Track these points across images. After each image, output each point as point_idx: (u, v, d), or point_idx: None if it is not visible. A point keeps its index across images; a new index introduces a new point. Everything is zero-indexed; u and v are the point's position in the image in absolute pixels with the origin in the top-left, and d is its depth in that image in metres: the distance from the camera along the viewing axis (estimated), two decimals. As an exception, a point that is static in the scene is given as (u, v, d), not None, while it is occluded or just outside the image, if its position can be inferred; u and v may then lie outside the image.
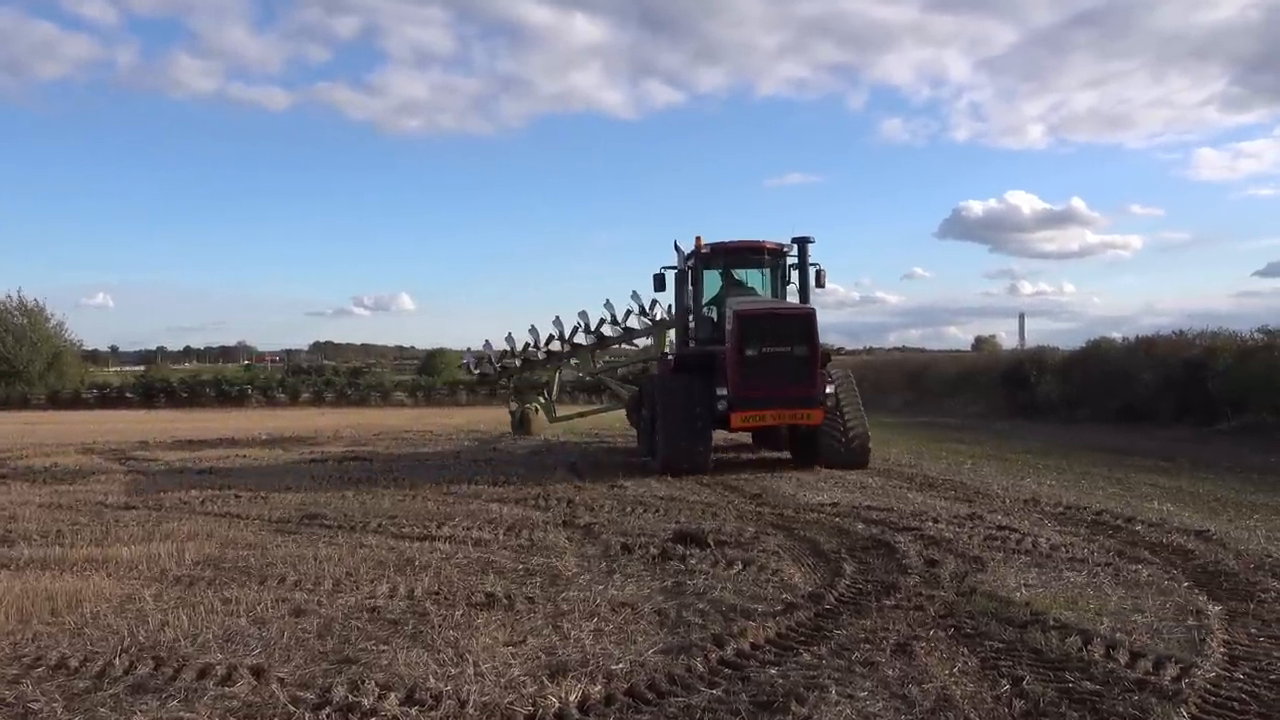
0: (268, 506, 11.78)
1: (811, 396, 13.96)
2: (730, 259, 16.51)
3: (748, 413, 14.14)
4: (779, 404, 14.00)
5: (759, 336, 13.94)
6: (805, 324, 14.16)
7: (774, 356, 13.92)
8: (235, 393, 51.64)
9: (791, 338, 13.98)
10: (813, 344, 13.99)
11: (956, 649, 5.59)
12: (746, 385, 13.93)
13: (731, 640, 5.76)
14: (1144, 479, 13.82)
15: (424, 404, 50.09)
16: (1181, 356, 26.51)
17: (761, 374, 13.87)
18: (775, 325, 14.12)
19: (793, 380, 13.87)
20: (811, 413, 14.11)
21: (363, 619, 6.39)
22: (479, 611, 6.53)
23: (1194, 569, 7.64)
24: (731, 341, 14.11)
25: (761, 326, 14.03)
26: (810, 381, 13.91)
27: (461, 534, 9.55)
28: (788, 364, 13.88)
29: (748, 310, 14.27)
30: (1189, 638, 5.77)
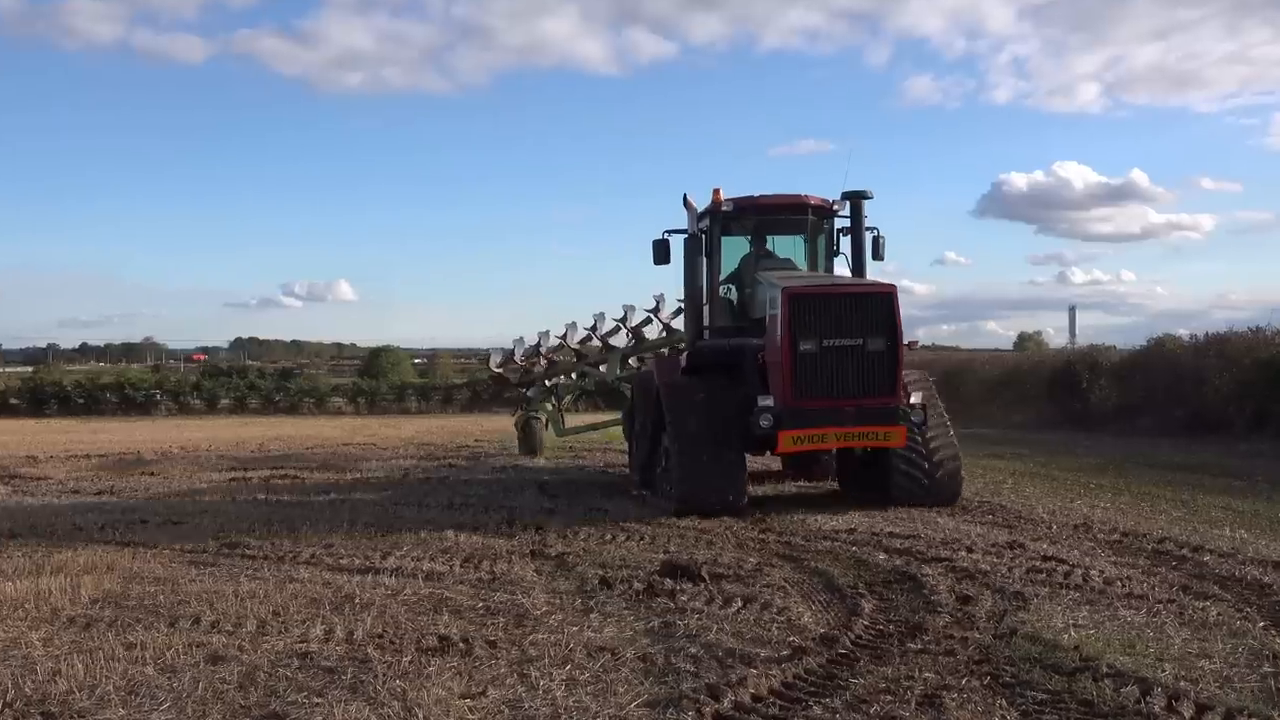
0: (180, 534, 11.76)
1: (891, 409, 12.06)
2: (760, 220, 14.54)
3: (802, 431, 12.09)
4: (846, 420, 11.98)
5: (819, 325, 11.95)
6: (884, 307, 12.15)
7: (840, 353, 11.98)
8: (141, 399, 51.59)
9: (865, 326, 12.01)
10: (895, 335, 12.03)
11: (993, 701, 5.62)
12: (801, 393, 11.96)
13: (729, 691, 5.77)
14: (1214, 501, 13.92)
15: (366, 412, 50.16)
16: (1258, 357, 26.71)
17: (822, 377, 11.97)
18: (842, 309, 12.07)
19: (866, 386, 12.00)
20: (891, 431, 12.09)
21: (292, 667, 6.37)
22: (431, 658, 6.52)
23: (1271, 606, 7.71)
24: (780, 332, 12.05)
25: (822, 311, 12.01)
26: (890, 387, 12.07)
27: (410, 566, 9.54)
28: (859, 363, 12.01)
29: (802, 288, 12.30)
30: (1264, 687, 5.82)
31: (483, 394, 52.12)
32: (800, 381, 11.97)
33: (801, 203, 14.18)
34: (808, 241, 14.86)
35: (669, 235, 14.18)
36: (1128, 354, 33.19)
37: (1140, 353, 32.29)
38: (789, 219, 14.60)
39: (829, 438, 12.30)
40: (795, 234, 14.89)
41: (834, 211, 14.34)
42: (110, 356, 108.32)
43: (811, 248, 14.83)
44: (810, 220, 14.47)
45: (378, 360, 68.24)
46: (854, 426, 12.05)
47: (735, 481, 12.47)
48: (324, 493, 15.85)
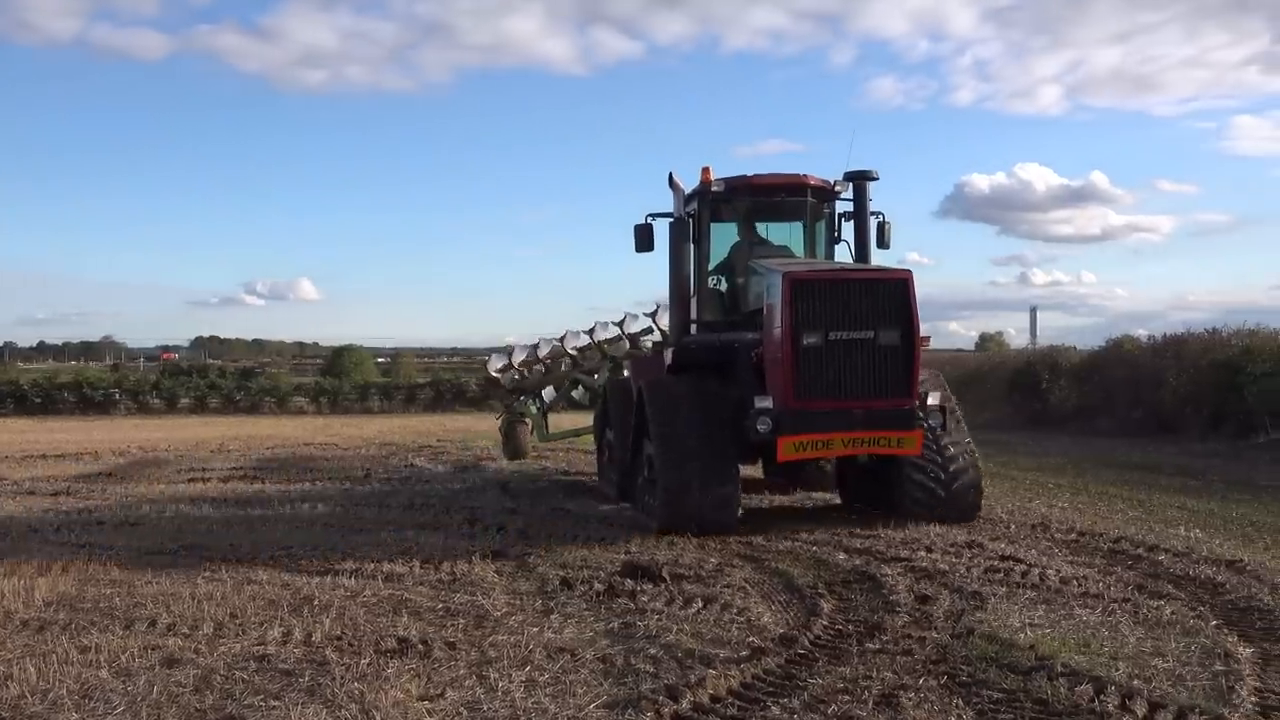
0: (137, 535, 11.67)
1: (906, 411, 10.69)
2: (754, 203, 13.24)
3: (804, 437, 10.61)
4: (855, 423, 10.59)
5: (825, 315, 10.57)
6: (899, 295, 10.75)
7: (848, 348, 10.60)
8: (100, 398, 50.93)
9: (876, 317, 10.63)
10: (911, 327, 10.64)
11: (950, 700, 5.66)
12: (803, 393, 10.58)
13: (688, 692, 5.78)
14: (1170, 501, 14.09)
15: (329, 411, 49.78)
16: (1214, 358, 27.03)
17: (828, 375, 10.59)
18: (851, 297, 10.68)
19: (878, 385, 10.63)
20: (906, 436, 10.69)
21: (249, 669, 6.33)
22: (389, 659, 6.50)
23: (1224, 605, 7.82)
24: (780, 324, 10.71)
25: (829, 299, 10.63)
26: (905, 387, 10.69)
27: (370, 567, 9.50)
28: (870, 359, 10.63)
29: (806, 273, 10.96)
30: (1216, 685, 5.90)
31: (445, 393, 52.00)
32: (803, 380, 10.57)
33: (800, 183, 12.92)
34: (807, 226, 13.56)
35: (652, 220, 12.88)
36: (1087, 355, 33.53)
37: (1099, 354, 32.64)
38: (786, 201, 13.24)
39: (835, 444, 10.78)
40: (793, 219, 13.64)
41: (836, 194, 13.06)
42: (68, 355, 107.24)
43: (810, 233, 13.55)
44: (810, 203, 13.15)
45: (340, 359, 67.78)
46: (864, 431, 10.62)
47: (727, 497, 11.06)
48: (284, 493, 15.73)
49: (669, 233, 12.67)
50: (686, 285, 12.82)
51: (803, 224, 13.57)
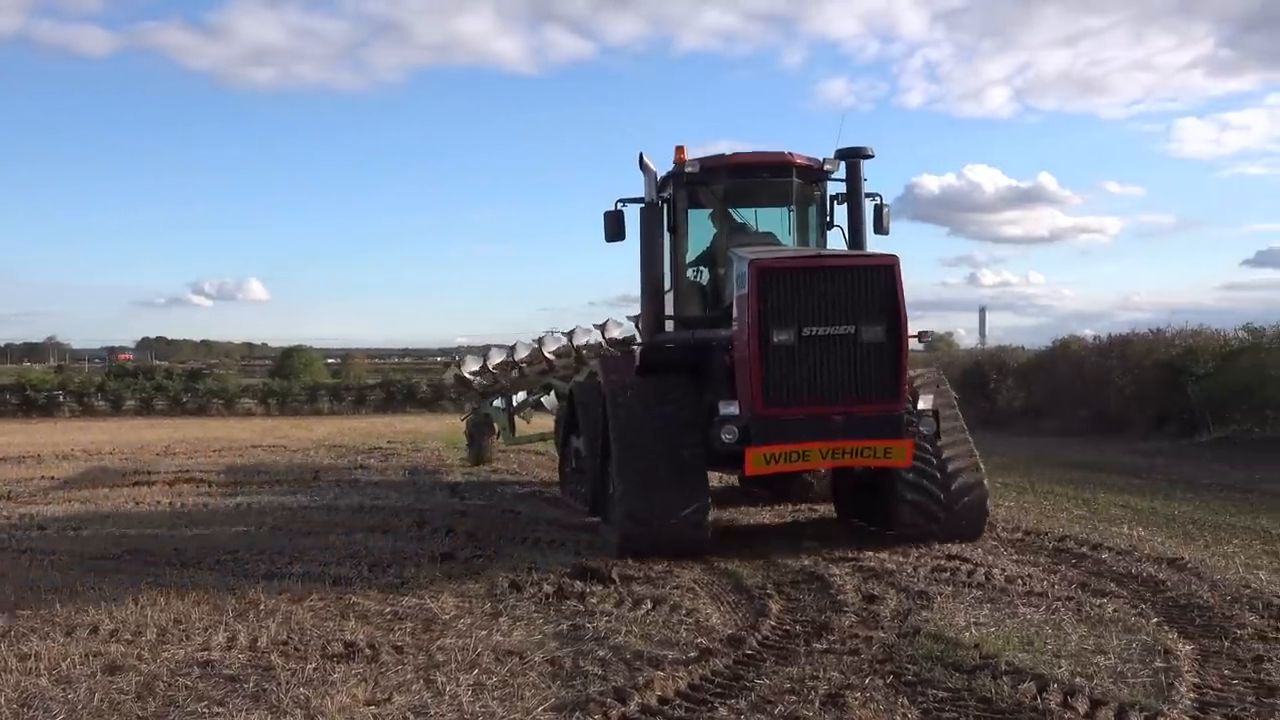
0: (79, 540, 11.52)
1: (894, 417, 9.50)
2: (735, 185, 11.90)
3: (776, 447, 9.39)
4: (834, 432, 9.35)
5: (797, 308, 9.37)
6: (883, 284, 9.49)
7: (825, 345, 9.37)
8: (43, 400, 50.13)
9: (858, 310, 9.41)
10: (897, 321, 9.42)
11: (895, 699, 5.72)
12: (774, 398, 9.38)
13: (636, 694, 5.80)
14: (1114, 499, 14.27)
15: (277, 413, 49.28)
16: (1158, 358, 27.44)
17: (802, 377, 9.38)
18: (828, 287, 9.44)
19: (860, 388, 9.43)
20: (894, 446, 9.45)
21: (192, 676, 6.28)
22: (336, 664, 6.47)
23: (1165, 602, 7.94)
24: (746, 319, 9.52)
25: (802, 290, 9.42)
26: (892, 389, 9.48)
27: (317, 570, 9.45)
28: (851, 358, 9.40)
29: (774, 261, 9.67)
30: (1156, 682, 6.00)
31: (396, 395, 51.70)
32: (773, 383, 9.35)
33: (784, 162, 11.61)
34: (795, 211, 12.22)
35: (623, 206, 11.62)
36: (1034, 355, 33.88)
37: (1046, 354, 32.97)
38: (770, 183, 11.92)
39: (812, 455, 9.46)
40: (778, 202, 12.30)
41: (826, 173, 11.75)
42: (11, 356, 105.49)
43: (800, 219, 12.20)
44: (796, 185, 11.82)
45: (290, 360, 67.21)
46: (845, 440, 9.35)
47: (696, 517, 9.78)
48: (231, 496, 15.59)
49: (640, 220, 11.41)
50: (660, 278, 11.50)
51: (789, 208, 12.24)
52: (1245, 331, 26.39)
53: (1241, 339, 26.23)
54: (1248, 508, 13.55)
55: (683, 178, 11.46)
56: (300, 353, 68.76)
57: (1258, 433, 22.62)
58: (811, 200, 12.01)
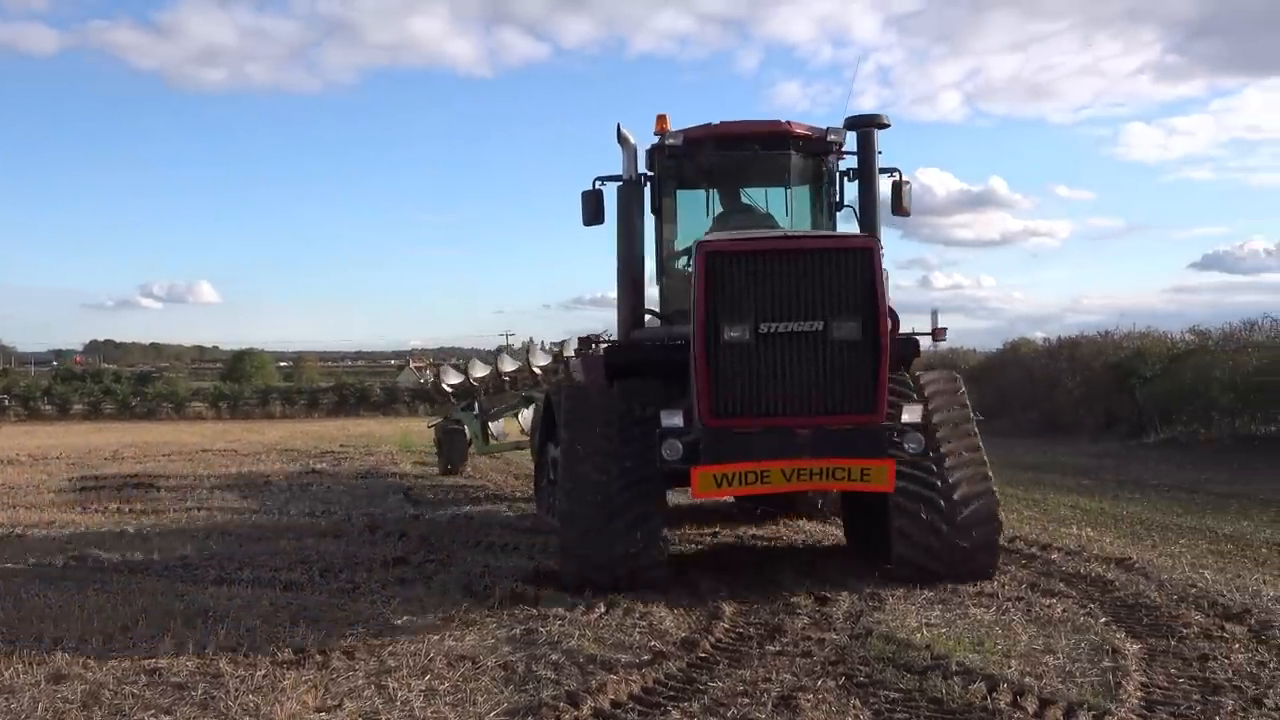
0: (24, 546, 11.34)
1: (872, 432, 7.96)
2: (721, 160, 10.36)
3: (728, 467, 7.89)
4: (799, 449, 7.86)
5: (754, 300, 7.91)
6: (858, 271, 7.99)
7: (787, 344, 7.89)
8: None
9: (827, 302, 7.90)
10: (875, 316, 7.93)
11: (847, 701, 5.74)
12: (726, 408, 7.97)
13: (589, 698, 5.78)
14: (1063, 500, 14.44)
15: (228, 417, 48.92)
16: (1107, 360, 27.77)
17: (759, 383, 7.94)
18: (790, 276, 7.94)
19: (830, 396, 7.92)
20: (872, 467, 7.83)
21: (139, 684, 6.19)
22: (286, 670, 6.39)
23: (1113, 602, 8.02)
24: (695, 313, 8.11)
25: (759, 278, 7.95)
26: (869, 398, 7.96)
27: (268, 576, 9.36)
28: (819, 360, 7.91)
29: (726, 243, 8.30)
30: (1104, 681, 6.05)
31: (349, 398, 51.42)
32: (724, 389, 7.92)
33: (780, 132, 10.06)
34: (795, 193, 10.66)
35: (602, 184, 10.21)
36: (985, 357, 34.21)
37: (996, 356, 33.32)
38: (764, 157, 10.32)
39: (773, 477, 7.91)
40: (775, 182, 10.74)
41: (831, 146, 10.19)
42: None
43: (800, 198, 10.69)
44: (795, 159, 10.27)
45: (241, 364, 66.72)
46: (812, 460, 7.83)
47: (642, 545, 8.47)
48: (180, 501, 15.41)
49: (617, 200, 10.16)
50: (639, 266, 10.16)
51: (786, 187, 10.67)
52: (1192, 334, 26.82)
53: (1188, 341, 26.63)
54: (1194, 508, 13.75)
55: (666, 150, 10.11)
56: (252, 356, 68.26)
57: (1203, 434, 22.95)
58: (815, 177, 10.52)
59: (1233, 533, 11.57)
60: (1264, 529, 11.88)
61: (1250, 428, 22.42)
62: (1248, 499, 14.75)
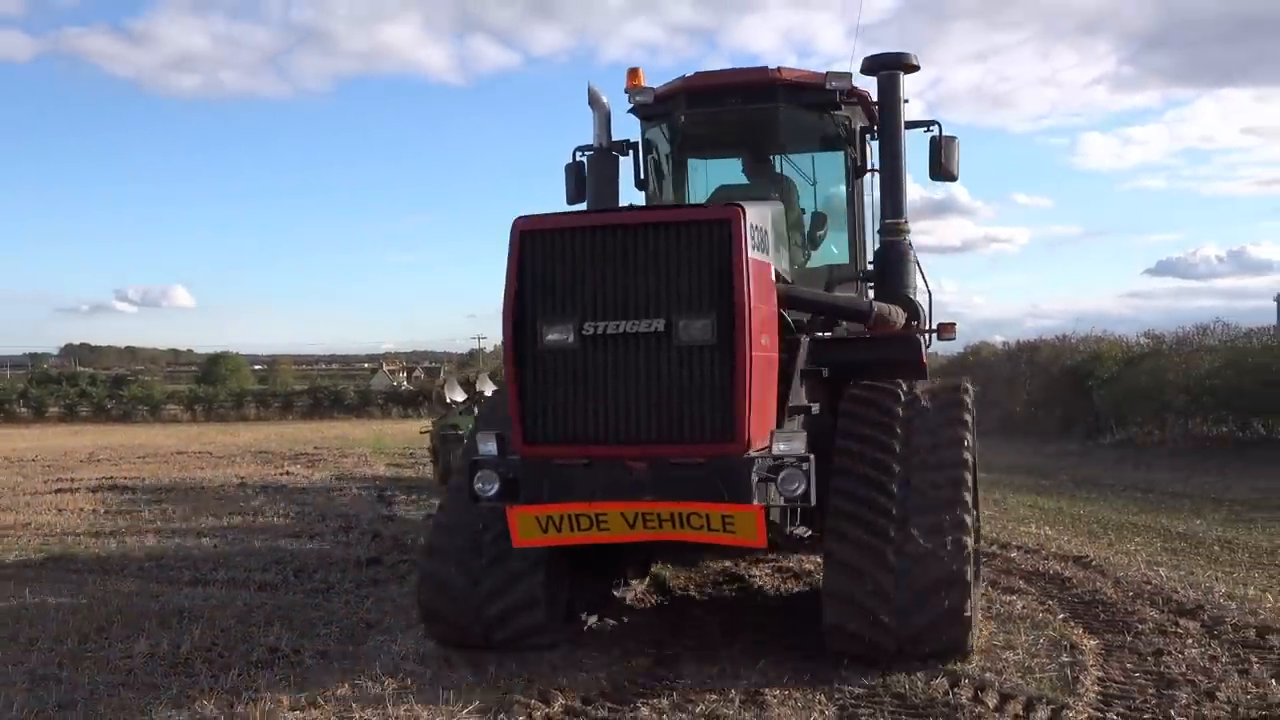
0: (0, 546, 11.20)
1: (730, 465, 5.74)
2: (703, 118, 8.38)
3: (553, 508, 5.91)
4: (638, 488, 5.83)
5: (577, 291, 5.96)
6: (712, 253, 5.84)
7: (619, 348, 5.88)
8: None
9: (671, 294, 5.85)
10: (733, 312, 5.74)
11: (813, 697, 5.74)
12: (541, 432, 6.02)
13: (559, 695, 5.77)
14: (1022, 499, 14.55)
15: (203, 419, 48.57)
16: (1065, 363, 28.00)
17: (584, 400, 5.94)
18: (622, 261, 5.93)
19: (675, 418, 5.84)
20: (735, 514, 5.68)
21: (114, 683, 6.14)
22: (260, 670, 6.35)
23: (1070, 599, 8.09)
24: (503, 310, 6.08)
25: (581, 264, 5.98)
26: (726, 421, 5.78)
27: (243, 576, 9.32)
28: (659, 371, 5.85)
29: (543, 222, 6.12)
30: (1062, 676, 6.09)
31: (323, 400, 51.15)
32: (538, 408, 6.00)
33: (766, 82, 8.04)
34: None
35: (583, 155, 8.82)
36: (947, 360, 34.36)
37: (958, 359, 33.50)
38: (753, 114, 8.28)
39: (612, 523, 5.83)
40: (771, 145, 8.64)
41: (833, 97, 7.98)
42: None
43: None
44: (790, 116, 8.23)
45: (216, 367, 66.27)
46: (655, 502, 5.78)
47: (525, 598, 6.56)
48: (155, 503, 15.28)
49: (587, 173, 8.77)
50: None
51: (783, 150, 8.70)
52: (1146, 338, 27.07)
53: (1143, 345, 26.88)
54: (1148, 507, 13.89)
55: (644, 109, 8.54)
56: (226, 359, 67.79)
57: (1158, 435, 23.17)
58: (830, 138, 8.44)
59: (1186, 531, 11.69)
60: (1216, 527, 12.02)
61: (1203, 429, 22.66)
62: (1200, 498, 14.92)
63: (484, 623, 6.55)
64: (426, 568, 6.88)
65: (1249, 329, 24.73)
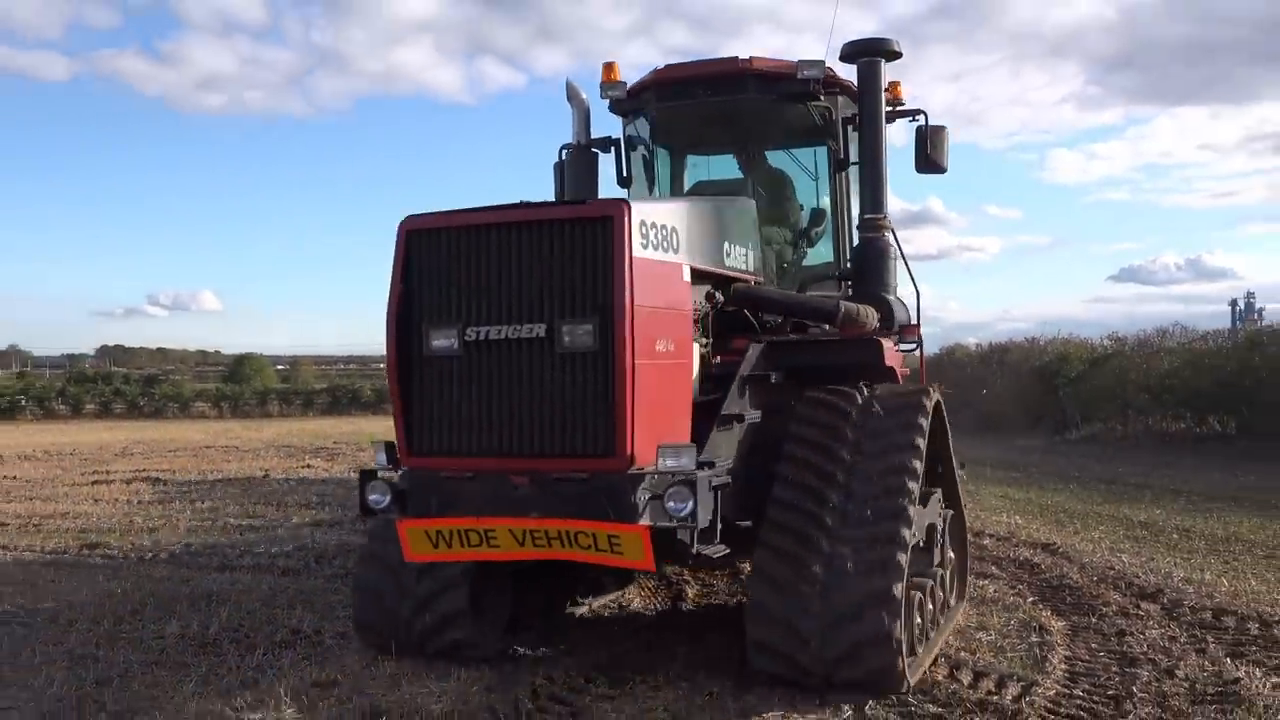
0: (40, 535, 11.19)
1: (611, 482, 4.99)
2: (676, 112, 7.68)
3: (443, 522, 5.24)
4: (523, 504, 5.14)
5: (461, 295, 5.32)
6: (593, 253, 5.09)
7: (501, 355, 5.22)
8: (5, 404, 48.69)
9: (554, 297, 5.16)
10: (614, 317, 4.99)
11: (799, 674, 5.73)
12: (425, 442, 5.43)
13: (563, 671, 5.77)
14: (994, 490, 14.56)
15: (230, 416, 48.41)
16: (1033, 364, 28.07)
17: (468, 410, 5.30)
18: (503, 260, 5.25)
19: (554, 430, 5.15)
20: (621, 534, 4.89)
21: (148, 662, 6.13)
22: (283, 650, 6.35)
23: (1039, 583, 8.10)
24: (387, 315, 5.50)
25: (466, 263, 5.32)
26: (604, 434, 5.04)
27: (267, 562, 9.29)
28: (540, 379, 5.17)
29: (429, 221, 5.46)
30: (1031, 655, 6.11)
31: (341, 398, 51.04)
32: (422, 417, 5.41)
33: (737, 72, 7.31)
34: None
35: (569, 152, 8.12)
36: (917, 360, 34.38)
37: (933, 360, 33.47)
38: (725, 106, 7.51)
39: (501, 540, 5.12)
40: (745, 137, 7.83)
41: (808, 86, 7.23)
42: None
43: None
44: (763, 108, 7.48)
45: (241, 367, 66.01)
46: (541, 519, 5.06)
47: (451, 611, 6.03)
48: (185, 494, 15.25)
49: (565, 171, 8.12)
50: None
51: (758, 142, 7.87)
52: (1110, 340, 27.18)
53: (1106, 347, 26.96)
54: (1112, 497, 13.90)
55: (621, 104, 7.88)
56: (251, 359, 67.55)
57: (1120, 430, 23.21)
58: (811, 129, 7.62)
59: (1147, 520, 11.70)
60: (1175, 516, 12.03)
61: (1162, 425, 22.69)
62: (1160, 489, 14.93)
63: (415, 635, 6.04)
64: (360, 577, 6.35)
65: (1205, 332, 24.87)
